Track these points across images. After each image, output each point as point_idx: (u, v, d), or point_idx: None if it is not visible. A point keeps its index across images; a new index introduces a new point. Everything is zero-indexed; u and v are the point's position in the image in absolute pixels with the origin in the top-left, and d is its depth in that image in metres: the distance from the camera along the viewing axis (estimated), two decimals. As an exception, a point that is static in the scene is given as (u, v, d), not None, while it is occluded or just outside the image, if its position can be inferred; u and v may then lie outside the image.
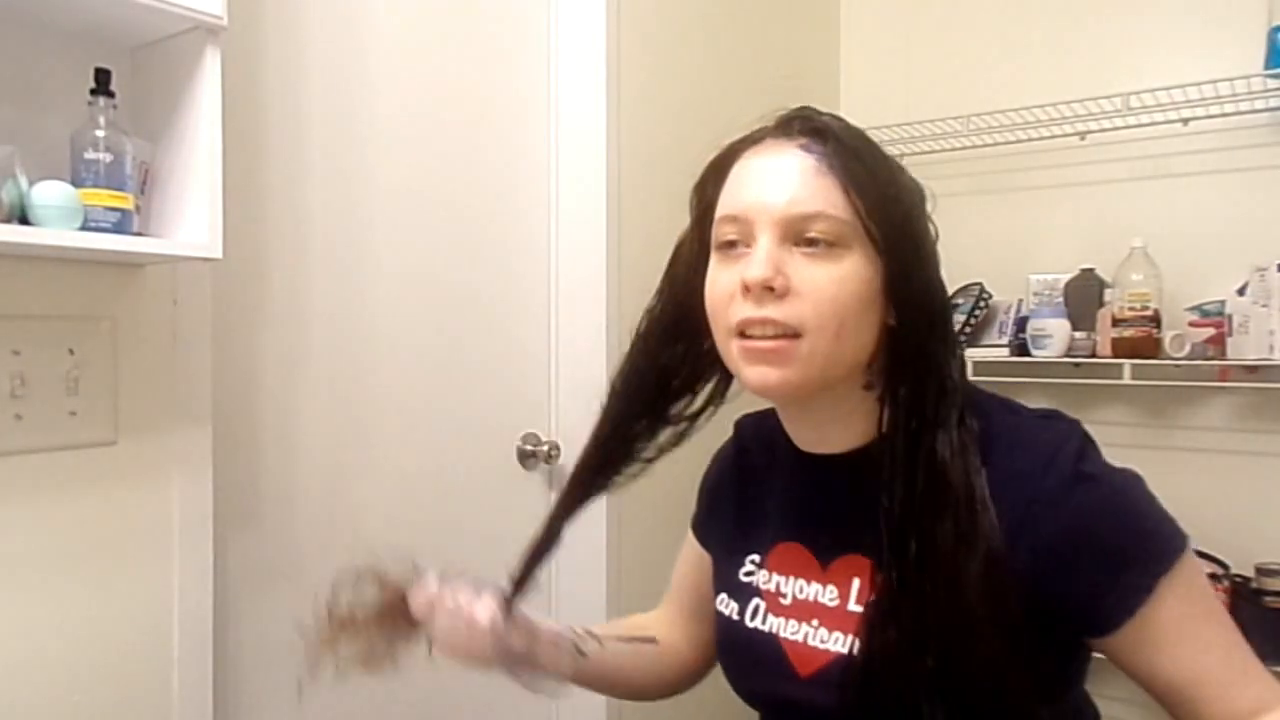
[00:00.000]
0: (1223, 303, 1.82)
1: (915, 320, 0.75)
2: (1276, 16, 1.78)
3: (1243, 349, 1.75)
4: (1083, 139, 1.98)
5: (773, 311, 0.73)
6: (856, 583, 0.79)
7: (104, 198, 1.02)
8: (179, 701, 1.23)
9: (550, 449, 1.80)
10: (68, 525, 1.14)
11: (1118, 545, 0.72)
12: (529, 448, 1.79)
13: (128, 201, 1.05)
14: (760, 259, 0.73)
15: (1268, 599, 1.74)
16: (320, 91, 1.46)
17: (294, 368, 1.44)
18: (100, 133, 1.03)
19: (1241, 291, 1.78)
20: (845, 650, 0.77)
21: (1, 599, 1.09)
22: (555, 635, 0.88)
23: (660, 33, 1.92)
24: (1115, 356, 1.86)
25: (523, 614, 0.86)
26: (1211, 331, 1.84)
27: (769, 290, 0.72)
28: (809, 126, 0.76)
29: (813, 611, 0.81)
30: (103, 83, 1.05)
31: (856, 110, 2.40)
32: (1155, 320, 1.84)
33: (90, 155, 1.02)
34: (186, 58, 1.10)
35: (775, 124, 0.79)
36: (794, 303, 0.73)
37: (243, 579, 1.36)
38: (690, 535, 1.03)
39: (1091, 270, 1.97)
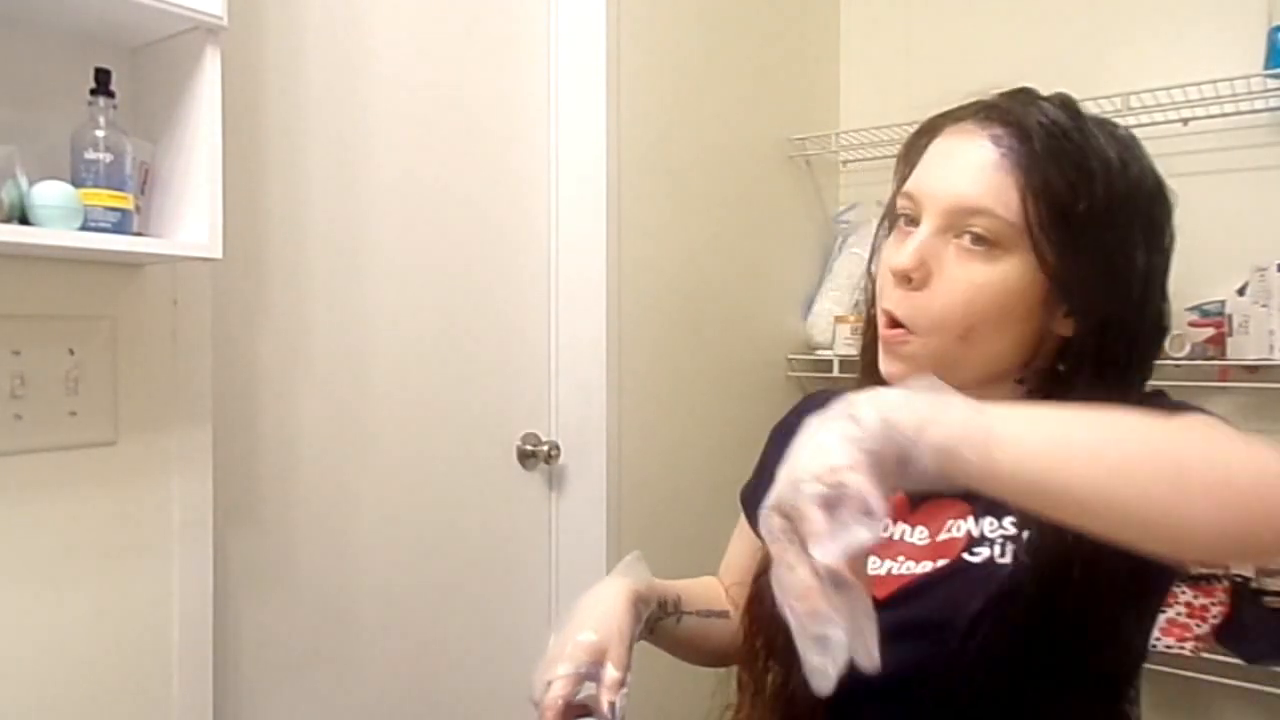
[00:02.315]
0: (1223, 303, 1.82)
1: (1093, 339, 0.72)
2: (1276, 16, 1.78)
3: (1243, 349, 1.75)
4: (1083, 139, 1.97)
5: (899, 304, 0.74)
6: (950, 520, 0.77)
7: (104, 198, 1.02)
8: (179, 701, 1.23)
9: (550, 449, 1.80)
10: (68, 525, 1.14)
11: None
12: (529, 448, 1.79)
13: (128, 201, 1.05)
14: (909, 248, 0.73)
15: (1268, 599, 1.74)
16: (320, 91, 1.46)
17: (294, 368, 1.43)
18: (100, 133, 1.03)
19: (1241, 291, 1.78)
20: (935, 567, 0.75)
21: (1, 599, 1.09)
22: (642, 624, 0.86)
23: (660, 32, 1.92)
24: (1115, 356, 1.86)
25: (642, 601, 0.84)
26: (1211, 331, 1.83)
27: (908, 280, 0.73)
28: (1009, 116, 0.73)
29: (897, 550, 0.79)
30: (103, 83, 1.05)
31: (856, 110, 2.40)
32: (1155, 320, 1.84)
33: (90, 155, 1.02)
34: (186, 58, 1.10)
35: (983, 104, 0.77)
36: (925, 297, 0.73)
37: (243, 578, 1.36)
38: (743, 520, 0.99)
39: (1091, 270, 1.97)
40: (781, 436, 1.00)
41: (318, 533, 1.46)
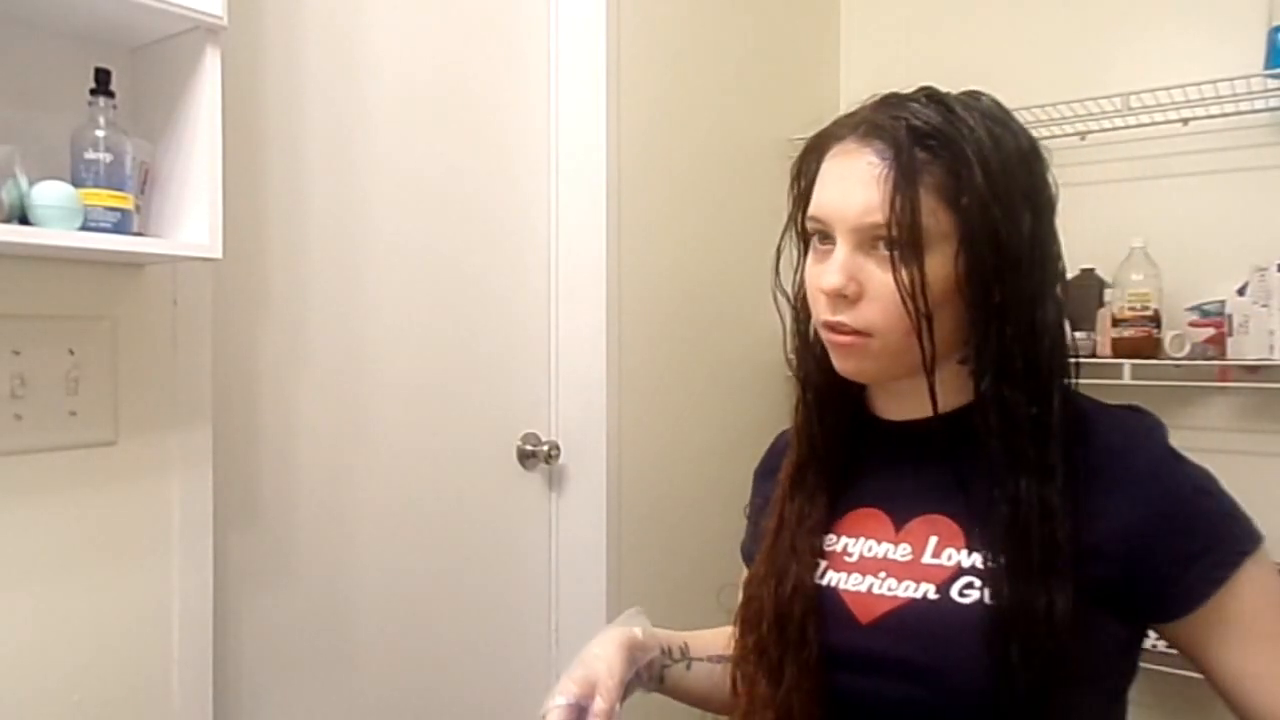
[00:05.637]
0: (1223, 303, 1.82)
1: (1009, 304, 0.77)
2: (1276, 16, 1.78)
3: (1243, 349, 1.75)
4: (1083, 139, 1.97)
5: (845, 317, 0.78)
6: (933, 540, 0.80)
7: (104, 198, 1.03)
8: (179, 701, 1.23)
9: (550, 449, 1.80)
10: (68, 525, 1.14)
11: (1205, 527, 0.75)
12: (529, 448, 1.79)
13: (128, 201, 1.05)
14: (834, 268, 0.78)
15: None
16: (320, 91, 1.46)
17: (294, 367, 1.44)
18: (100, 133, 1.03)
19: (1241, 291, 1.78)
20: (919, 596, 0.78)
21: (2, 599, 1.09)
22: (647, 665, 0.89)
23: (660, 31, 1.92)
24: (1115, 356, 1.86)
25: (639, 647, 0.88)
26: (1211, 331, 1.83)
27: (842, 297, 0.78)
28: (884, 130, 0.78)
29: (880, 566, 0.81)
30: (103, 83, 1.05)
31: (856, 110, 2.40)
32: (1155, 320, 1.84)
33: (90, 155, 1.02)
34: (186, 58, 1.10)
35: (859, 119, 0.81)
36: (865, 307, 0.78)
37: (243, 578, 1.36)
38: (746, 574, 1.00)
39: (1091, 270, 1.97)
40: (763, 478, 1.00)
41: (318, 533, 1.46)
